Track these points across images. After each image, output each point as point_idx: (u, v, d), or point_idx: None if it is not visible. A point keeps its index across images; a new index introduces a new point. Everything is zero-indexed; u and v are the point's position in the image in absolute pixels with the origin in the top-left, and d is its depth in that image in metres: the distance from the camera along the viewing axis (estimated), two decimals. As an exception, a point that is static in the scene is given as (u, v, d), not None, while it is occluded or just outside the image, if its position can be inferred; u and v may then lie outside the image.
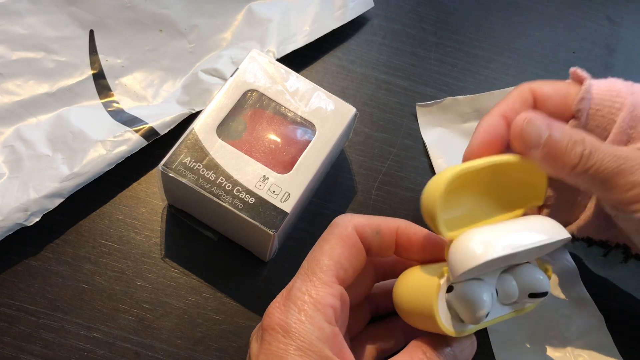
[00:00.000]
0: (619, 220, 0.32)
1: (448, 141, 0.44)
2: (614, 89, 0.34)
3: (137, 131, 0.39)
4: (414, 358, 0.28)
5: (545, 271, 0.30)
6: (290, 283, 0.29)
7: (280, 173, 0.35)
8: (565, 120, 0.34)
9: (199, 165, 0.35)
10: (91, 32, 0.43)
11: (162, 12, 0.44)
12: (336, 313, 0.28)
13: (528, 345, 0.38)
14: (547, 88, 0.34)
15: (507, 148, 0.33)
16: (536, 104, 0.34)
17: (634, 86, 0.34)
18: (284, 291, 0.28)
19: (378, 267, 0.34)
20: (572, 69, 0.35)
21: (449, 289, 0.28)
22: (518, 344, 0.38)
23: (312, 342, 0.26)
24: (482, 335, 0.38)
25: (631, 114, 0.33)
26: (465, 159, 0.33)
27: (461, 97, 0.45)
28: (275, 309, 0.27)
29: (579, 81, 0.34)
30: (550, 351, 0.38)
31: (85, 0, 0.43)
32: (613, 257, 0.36)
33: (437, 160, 0.43)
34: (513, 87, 0.42)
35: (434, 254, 0.31)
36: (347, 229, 0.30)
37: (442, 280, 0.28)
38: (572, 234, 0.37)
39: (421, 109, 0.45)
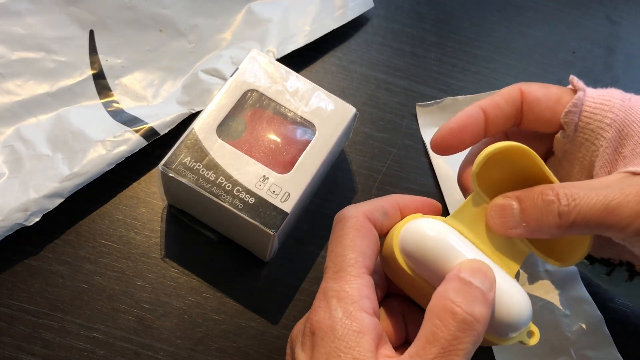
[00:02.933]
0: (630, 246, 0.30)
1: None
2: (607, 103, 0.32)
3: (137, 131, 0.39)
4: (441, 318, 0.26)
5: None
6: (322, 285, 0.29)
7: (280, 173, 0.35)
8: (553, 128, 0.33)
9: (199, 165, 0.35)
10: (91, 32, 0.43)
11: (162, 12, 0.44)
12: (372, 304, 0.28)
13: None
14: (538, 92, 0.33)
15: (478, 139, 0.33)
16: (524, 106, 0.33)
17: (631, 100, 0.32)
18: (318, 295, 0.28)
19: None
20: (572, 77, 0.33)
21: None
22: (518, 344, 0.38)
23: (359, 343, 0.26)
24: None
25: (620, 132, 0.31)
26: (433, 142, 0.33)
27: (461, 97, 0.45)
28: (316, 311, 0.28)
29: (575, 90, 0.33)
30: (550, 351, 0.38)
31: (85, 0, 0.43)
32: (617, 275, 0.35)
33: (436, 160, 0.43)
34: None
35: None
36: (359, 220, 0.30)
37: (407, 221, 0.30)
38: None
39: (421, 109, 0.45)
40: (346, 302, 0.27)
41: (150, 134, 0.39)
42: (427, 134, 0.44)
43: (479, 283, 0.26)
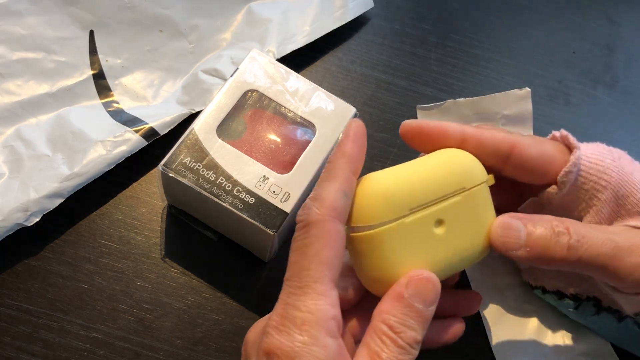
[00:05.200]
0: (616, 297, 0.31)
1: None
2: (601, 164, 0.32)
3: (137, 131, 0.39)
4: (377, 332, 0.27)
5: None
6: (283, 298, 0.27)
7: (280, 173, 0.35)
8: (541, 182, 0.33)
9: (199, 165, 0.35)
10: (91, 33, 0.43)
11: (162, 12, 0.44)
12: (338, 323, 0.27)
13: (530, 339, 0.38)
14: (532, 149, 0.32)
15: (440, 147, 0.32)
16: (513, 160, 0.32)
17: (621, 160, 0.33)
18: (278, 308, 0.27)
19: None
20: (564, 134, 0.33)
21: None
22: (519, 344, 0.38)
23: None
24: (483, 337, 0.38)
25: (616, 193, 0.32)
26: (404, 125, 0.32)
27: (462, 99, 0.45)
28: (275, 331, 0.26)
29: (567, 146, 0.33)
30: (550, 351, 0.38)
31: (85, 0, 0.43)
32: (585, 309, 0.36)
33: None
34: (515, 89, 0.42)
35: None
36: (326, 225, 0.27)
37: None
38: (542, 287, 0.37)
39: (422, 112, 0.45)
40: (311, 325, 0.25)
41: (150, 134, 0.39)
42: None
43: (421, 303, 0.27)
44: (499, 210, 0.31)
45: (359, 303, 0.32)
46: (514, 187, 0.35)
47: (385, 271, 0.28)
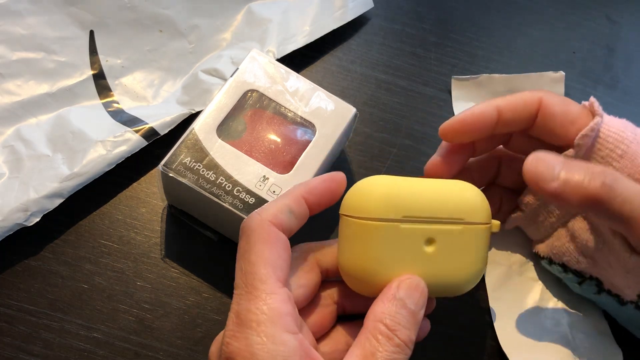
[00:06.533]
0: (628, 264, 0.31)
1: None
2: (620, 134, 0.33)
3: (137, 131, 0.39)
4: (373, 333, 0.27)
5: None
6: (234, 306, 0.27)
7: (280, 173, 0.35)
8: (562, 143, 0.33)
9: (199, 166, 0.35)
10: (91, 33, 0.43)
11: (162, 12, 0.44)
12: (294, 318, 0.27)
13: (530, 307, 0.38)
14: (557, 107, 0.33)
15: (484, 135, 0.33)
16: (539, 117, 0.33)
17: None
18: (231, 317, 0.27)
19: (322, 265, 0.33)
20: (592, 101, 0.33)
21: None
22: (527, 343, 0.38)
23: None
24: (493, 338, 0.38)
25: (632, 163, 0.32)
26: (442, 129, 0.33)
27: (497, 75, 0.45)
28: (232, 339, 0.26)
29: (592, 113, 0.33)
30: (549, 323, 0.38)
31: (85, 0, 0.43)
32: (587, 287, 0.36)
33: None
34: (550, 71, 0.43)
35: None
36: (264, 229, 0.28)
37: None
38: (549, 257, 0.37)
39: (456, 82, 0.45)
40: (267, 324, 0.25)
41: (150, 134, 0.39)
42: (459, 107, 0.45)
43: (413, 304, 0.28)
44: (512, 182, 0.33)
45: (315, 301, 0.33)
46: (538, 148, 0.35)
47: (369, 262, 0.29)
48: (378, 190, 0.30)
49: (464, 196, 0.31)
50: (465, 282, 0.31)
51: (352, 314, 0.34)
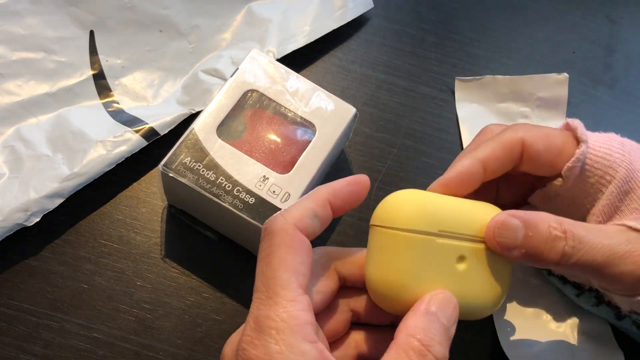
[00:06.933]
0: (609, 295, 0.32)
1: (481, 118, 0.45)
2: (608, 158, 0.32)
3: (137, 131, 0.39)
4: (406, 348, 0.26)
5: None
6: (254, 311, 0.26)
7: (280, 173, 0.35)
8: (551, 174, 0.33)
9: (199, 166, 0.35)
10: (91, 33, 0.43)
11: (162, 13, 0.44)
12: (314, 326, 0.26)
13: (532, 308, 0.38)
14: (540, 144, 0.32)
15: (472, 190, 0.32)
16: (524, 157, 0.32)
17: (631, 154, 0.32)
18: (249, 321, 0.26)
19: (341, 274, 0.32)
20: (575, 125, 0.33)
21: None
22: (527, 344, 0.38)
23: None
24: (493, 338, 0.38)
25: (620, 189, 0.32)
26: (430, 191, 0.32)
27: (500, 76, 0.45)
28: (250, 345, 0.25)
29: (575, 137, 0.33)
30: (552, 325, 0.38)
31: (85, 0, 0.43)
32: (586, 298, 0.36)
33: (466, 135, 0.44)
34: (554, 73, 0.43)
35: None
36: (288, 233, 0.27)
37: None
38: (548, 269, 0.38)
39: (460, 83, 0.45)
40: (286, 333, 0.25)
41: (151, 134, 0.39)
42: (462, 108, 0.45)
43: (446, 319, 0.27)
44: (511, 202, 0.32)
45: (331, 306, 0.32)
46: (526, 178, 0.35)
47: (399, 275, 0.28)
48: (413, 202, 0.29)
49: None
50: (492, 305, 0.30)
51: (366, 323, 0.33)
